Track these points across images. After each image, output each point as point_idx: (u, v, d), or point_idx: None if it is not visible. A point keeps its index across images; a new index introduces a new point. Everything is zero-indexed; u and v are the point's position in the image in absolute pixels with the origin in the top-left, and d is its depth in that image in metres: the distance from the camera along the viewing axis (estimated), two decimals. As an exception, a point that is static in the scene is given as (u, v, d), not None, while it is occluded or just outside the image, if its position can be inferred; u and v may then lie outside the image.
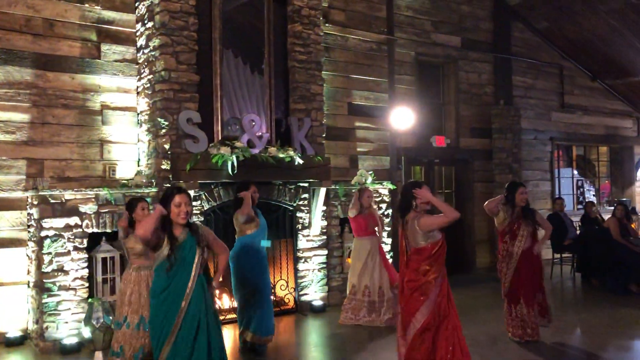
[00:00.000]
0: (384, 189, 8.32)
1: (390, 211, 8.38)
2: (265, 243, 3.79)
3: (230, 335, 6.17)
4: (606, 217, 9.61)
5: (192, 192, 6.24)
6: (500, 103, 10.40)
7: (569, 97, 11.89)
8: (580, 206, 11.94)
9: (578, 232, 9.82)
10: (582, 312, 7.30)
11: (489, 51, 10.56)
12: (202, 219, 6.59)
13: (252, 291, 5.50)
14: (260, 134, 6.89)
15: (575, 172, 12.38)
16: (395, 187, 8.65)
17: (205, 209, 6.63)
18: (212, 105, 6.78)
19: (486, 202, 5.94)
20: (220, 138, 6.74)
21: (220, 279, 4.08)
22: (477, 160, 10.33)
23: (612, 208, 9.56)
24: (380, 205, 8.26)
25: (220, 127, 6.81)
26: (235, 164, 6.36)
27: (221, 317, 5.68)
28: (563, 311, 7.33)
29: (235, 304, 5.78)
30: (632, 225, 9.17)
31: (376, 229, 6.82)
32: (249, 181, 5.76)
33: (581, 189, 12.44)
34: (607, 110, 12.60)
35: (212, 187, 6.69)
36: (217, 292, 5.59)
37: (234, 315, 6.01)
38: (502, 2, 10.55)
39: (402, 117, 8.70)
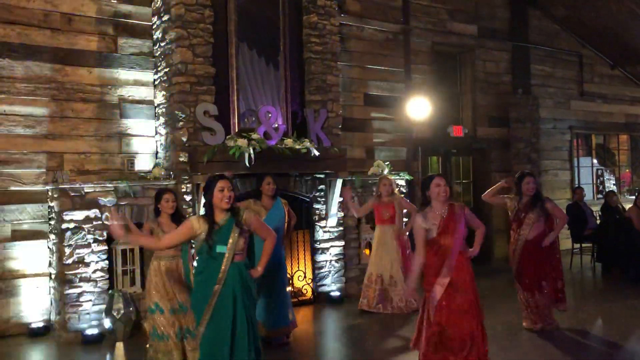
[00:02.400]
0: (401, 179, 8.28)
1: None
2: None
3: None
4: (627, 206, 9.47)
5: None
6: (518, 92, 10.27)
7: (588, 86, 11.72)
8: (600, 195, 11.77)
9: (598, 221, 9.69)
10: (603, 302, 7.22)
11: (506, 39, 10.43)
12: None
13: (262, 283, 5.52)
14: (276, 125, 6.90)
15: (595, 161, 12.22)
16: (412, 178, 8.62)
17: (222, 200, 6.66)
18: (229, 98, 6.81)
19: (484, 194, 6.00)
20: (237, 130, 6.76)
21: (260, 269, 3.92)
22: (495, 150, 10.24)
23: (633, 197, 9.42)
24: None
25: (236, 119, 6.83)
26: (253, 155, 6.38)
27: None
28: (584, 301, 7.27)
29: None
30: (654, 215, 9.02)
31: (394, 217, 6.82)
32: (265, 173, 5.80)
33: (601, 178, 12.27)
34: (627, 98, 12.39)
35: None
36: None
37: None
38: (519, -11, 10.41)
39: (419, 107, 8.65)
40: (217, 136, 6.46)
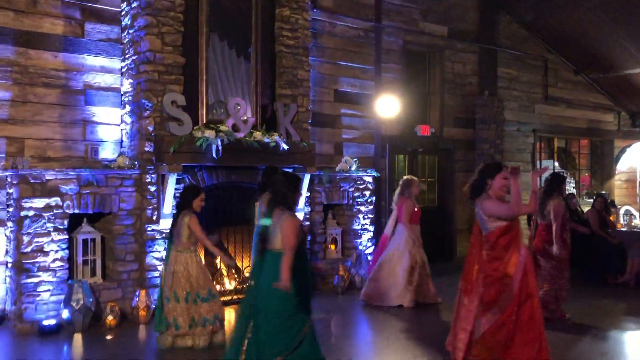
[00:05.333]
0: (368, 176, 8.33)
1: (374, 198, 8.41)
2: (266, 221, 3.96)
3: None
4: (585, 209, 9.75)
5: (175, 176, 6.20)
6: (484, 94, 10.45)
7: (552, 90, 11.99)
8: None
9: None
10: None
11: (475, 42, 10.58)
12: (186, 202, 6.54)
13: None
14: (245, 118, 6.86)
15: (557, 164, 12.53)
16: (379, 175, 8.68)
17: (188, 192, 6.58)
18: (197, 88, 6.72)
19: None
20: (204, 121, 6.69)
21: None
22: (460, 150, 10.40)
23: (592, 200, 9.70)
24: (364, 193, 8.28)
25: (205, 110, 6.76)
26: (220, 147, 6.32)
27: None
28: (541, 300, 7.43)
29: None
30: (611, 218, 9.32)
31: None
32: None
33: (562, 181, 12.57)
34: (589, 103, 12.74)
35: (196, 170, 6.64)
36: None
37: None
38: (489, -8, 10.57)
39: (388, 105, 8.71)
40: (185, 126, 6.37)
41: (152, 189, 6.32)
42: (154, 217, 6.30)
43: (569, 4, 10.12)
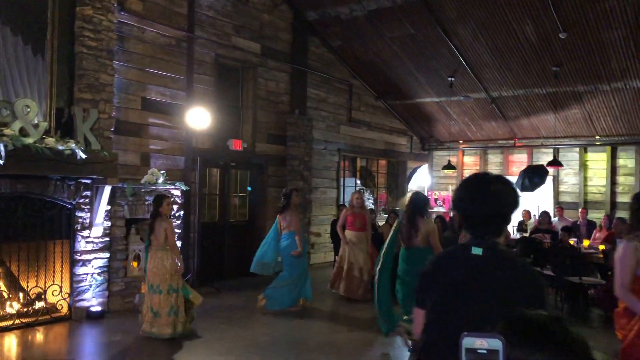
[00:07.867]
0: (177, 190, 8.06)
1: (181, 212, 8.16)
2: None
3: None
4: (381, 223, 10.59)
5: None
6: (295, 112, 10.84)
7: (355, 113, 12.90)
8: (361, 213, 12.97)
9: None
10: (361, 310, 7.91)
11: (287, 61, 10.95)
12: (-43, 215, 5.66)
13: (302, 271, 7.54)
14: (36, 122, 6.19)
15: (359, 181, 13.46)
16: (188, 189, 8.45)
17: (-39, 203, 5.72)
18: (-23, 85, 5.92)
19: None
20: (-15, 123, 5.89)
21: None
22: (272, 166, 10.62)
23: (387, 215, 10.57)
24: (172, 207, 7.98)
25: (-14, 110, 5.96)
26: (3, 153, 5.61)
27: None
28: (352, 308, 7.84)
29: None
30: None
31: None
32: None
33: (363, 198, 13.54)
34: (387, 127, 13.95)
35: (-28, 178, 5.80)
36: None
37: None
38: (301, 15, 11.03)
39: (199, 117, 8.56)
40: (-42, 128, 5.54)
41: None
42: None
43: (371, 35, 11.01)
